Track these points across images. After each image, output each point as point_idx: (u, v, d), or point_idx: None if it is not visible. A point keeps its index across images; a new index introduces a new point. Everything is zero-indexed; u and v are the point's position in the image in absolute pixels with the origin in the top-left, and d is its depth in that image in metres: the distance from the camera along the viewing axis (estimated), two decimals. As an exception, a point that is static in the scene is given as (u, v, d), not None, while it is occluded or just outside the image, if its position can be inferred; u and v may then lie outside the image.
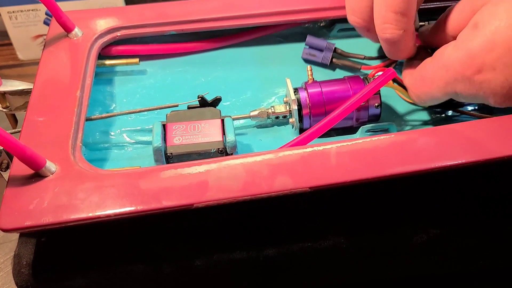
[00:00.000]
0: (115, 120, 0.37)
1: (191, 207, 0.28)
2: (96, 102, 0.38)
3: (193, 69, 0.41)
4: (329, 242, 0.32)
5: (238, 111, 0.38)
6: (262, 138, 0.37)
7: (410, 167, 0.29)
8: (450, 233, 0.33)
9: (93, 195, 0.28)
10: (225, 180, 0.29)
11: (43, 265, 0.30)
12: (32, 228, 0.27)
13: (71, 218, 0.27)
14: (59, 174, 0.29)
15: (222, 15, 0.39)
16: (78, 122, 0.32)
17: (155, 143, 0.32)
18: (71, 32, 0.38)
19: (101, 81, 0.40)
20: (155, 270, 0.31)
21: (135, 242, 0.31)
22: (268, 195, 0.28)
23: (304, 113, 0.36)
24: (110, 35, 0.39)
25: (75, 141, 0.31)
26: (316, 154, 0.30)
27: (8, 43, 0.60)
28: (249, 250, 0.31)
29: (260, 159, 0.29)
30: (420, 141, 0.30)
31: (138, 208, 0.28)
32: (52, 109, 0.33)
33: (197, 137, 0.33)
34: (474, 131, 0.31)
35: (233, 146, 0.33)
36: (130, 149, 0.36)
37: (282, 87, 0.40)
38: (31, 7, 0.57)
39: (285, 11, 0.40)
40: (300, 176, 0.29)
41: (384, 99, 0.37)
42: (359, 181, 0.29)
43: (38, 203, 0.28)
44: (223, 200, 0.28)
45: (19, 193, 0.28)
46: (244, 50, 0.42)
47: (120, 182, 0.29)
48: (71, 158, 0.30)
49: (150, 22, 0.39)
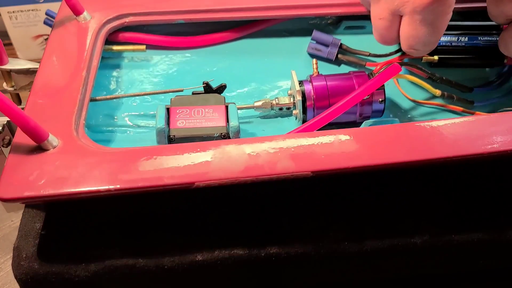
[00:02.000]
0: (119, 104, 0.38)
1: (191, 186, 0.28)
2: (101, 86, 0.38)
3: (198, 58, 0.41)
4: (330, 240, 0.31)
5: (242, 101, 0.38)
6: (265, 128, 0.37)
7: (414, 156, 0.29)
8: (451, 232, 0.32)
9: (94, 170, 0.28)
10: (227, 161, 0.28)
11: (42, 258, 0.30)
12: (31, 199, 0.27)
13: (71, 191, 0.27)
14: (61, 148, 0.29)
15: (230, 7, 0.40)
16: (83, 100, 0.32)
17: (159, 125, 0.32)
18: (79, 15, 0.38)
19: (107, 66, 0.40)
20: (156, 264, 0.30)
21: (136, 236, 0.31)
22: (270, 178, 0.28)
23: (308, 105, 0.36)
24: (119, 21, 0.39)
25: (78, 118, 0.31)
26: (320, 140, 0.30)
27: (8, 43, 0.61)
28: (250, 246, 0.31)
29: (263, 143, 0.29)
30: (425, 132, 0.30)
31: (139, 184, 0.27)
32: (57, 87, 0.33)
33: (201, 122, 0.33)
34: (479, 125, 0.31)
35: (236, 132, 0.33)
36: (132, 133, 0.36)
37: (287, 80, 0.40)
38: (31, 7, 0.57)
39: (294, 5, 0.40)
40: (303, 160, 0.29)
41: (388, 95, 0.37)
42: (361, 168, 0.29)
43: (38, 175, 0.27)
44: (224, 180, 0.28)
45: (20, 164, 0.28)
46: (250, 42, 0.42)
47: (121, 158, 0.28)
48: (74, 134, 0.30)
49: (158, 10, 0.39)
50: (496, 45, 0.38)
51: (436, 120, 0.31)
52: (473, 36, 0.40)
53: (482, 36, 0.40)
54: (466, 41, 0.40)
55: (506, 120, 0.31)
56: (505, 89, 0.41)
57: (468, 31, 0.40)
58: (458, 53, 0.40)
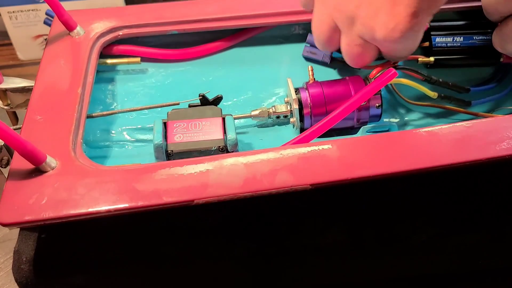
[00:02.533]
0: (115, 118, 0.37)
1: (191, 203, 0.28)
2: (97, 100, 0.38)
3: (194, 68, 0.41)
4: (329, 241, 0.32)
5: (239, 110, 0.38)
6: (263, 137, 0.37)
7: (411, 166, 0.29)
8: (450, 232, 0.33)
9: (93, 191, 0.28)
10: (226, 176, 0.28)
11: (43, 261, 0.30)
12: (31, 223, 0.27)
13: (71, 213, 0.27)
14: (59, 169, 0.29)
15: (222, 16, 0.40)
16: (79, 119, 0.32)
17: (156, 140, 0.32)
18: (73, 30, 0.38)
19: (103, 80, 0.40)
20: (155, 267, 0.30)
21: (135, 239, 0.31)
22: (269, 192, 0.28)
23: (305, 113, 0.36)
24: (112, 34, 0.39)
25: (75, 138, 0.31)
26: (318, 152, 0.30)
27: (8, 43, 0.61)
28: (249, 248, 0.31)
29: (261, 156, 0.29)
30: (421, 140, 0.30)
31: (139, 204, 0.27)
32: (53, 106, 0.33)
33: (198, 135, 0.33)
34: (475, 131, 0.31)
35: (234, 144, 0.33)
36: (130, 147, 0.36)
37: (283, 87, 0.40)
38: (31, 7, 0.57)
39: (286, 12, 0.40)
40: (301, 173, 0.29)
41: (384, 95, 0.37)
42: (359, 179, 0.29)
43: (38, 198, 0.27)
44: (224, 196, 0.28)
45: (19, 187, 0.28)
46: (245, 50, 0.42)
47: (120, 178, 0.28)
48: (72, 154, 0.30)
49: (151, 21, 0.39)
50: (491, 44, 0.38)
51: (432, 126, 0.31)
52: (469, 36, 0.40)
53: (477, 35, 0.40)
54: (461, 41, 0.40)
55: (499, 125, 0.31)
56: (502, 87, 0.41)
57: (463, 30, 0.40)
58: (454, 54, 0.40)
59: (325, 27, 0.33)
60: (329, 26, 0.33)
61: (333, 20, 0.32)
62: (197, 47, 0.41)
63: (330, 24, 0.33)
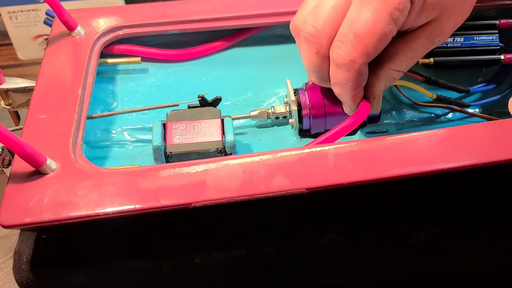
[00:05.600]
0: (116, 118, 0.38)
1: (189, 206, 0.28)
2: (97, 100, 0.39)
3: (194, 68, 0.41)
4: (328, 241, 0.32)
5: (239, 111, 0.38)
6: (262, 138, 0.37)
7: (408, 170, 0.29)
8: (449, 232, 0.33)
9: (93, 193, 0.28)
10: (223, 179, 0.29)
11: (43, 261, 0.30)
12: (32, 225, 0.27)
13: (71, 216, 0.27)
14: (59, 171, 0.29)
15: (223, 15, 0.40)
16: (79, 120, 0.33)
17: (155, 142, 0.32)
18: (73, 30, 0.38)
19: (103, 80, 0.40)
20: (154, 267, 0.31)
21: (134, 239, 0.32)
22: (266, 196, 0.29)
23: (304, 114, 0.36)
24: (113, 33, 0.39)
25: (75, 139, 0.31)
26: (314, 155, 0.30)
27: (8, 43, 0.61)
28: (248, 248, 0.31)
29: (258, 159, 0.30)
30: (418, 143, 0.30)
31: (137, 207, 0.28)
32: (53, 107, 0.33)
33: (197, 137, 0.33)
34: (473, 134, 0.31)
35: (232, 146, 0.33)
36: (130, 148, 0.37)
37: (283, 87, 0.40)
38: (31, 7, 0.57)
39: (286, 12, 0.40)
40: (298, 177, 0.29)
41: (384, 101, 0.37)
42: (356, 183, 0.29)
43: (38, 200, 0.28)
44: (221, 200, 0.28)
45: (19, 190, 0.28)
46: (245, 50, 0.42)
47: (119, 180, 0.29)
48: (72, 156, 0.30)
49: (152, 21, 0.39)
50: (492, 44, 0.38)
51: (429, 130, 0.31)
52: (469, 36, 0.40)
53: (478, 36, 0.40)
54: (462, 41, 0.40)
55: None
56: (502, 88, 0.41)
57: (463, 31, 0.40)
58: (454, 54, 0.40)
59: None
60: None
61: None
62: (197, 47, 0.41)
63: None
